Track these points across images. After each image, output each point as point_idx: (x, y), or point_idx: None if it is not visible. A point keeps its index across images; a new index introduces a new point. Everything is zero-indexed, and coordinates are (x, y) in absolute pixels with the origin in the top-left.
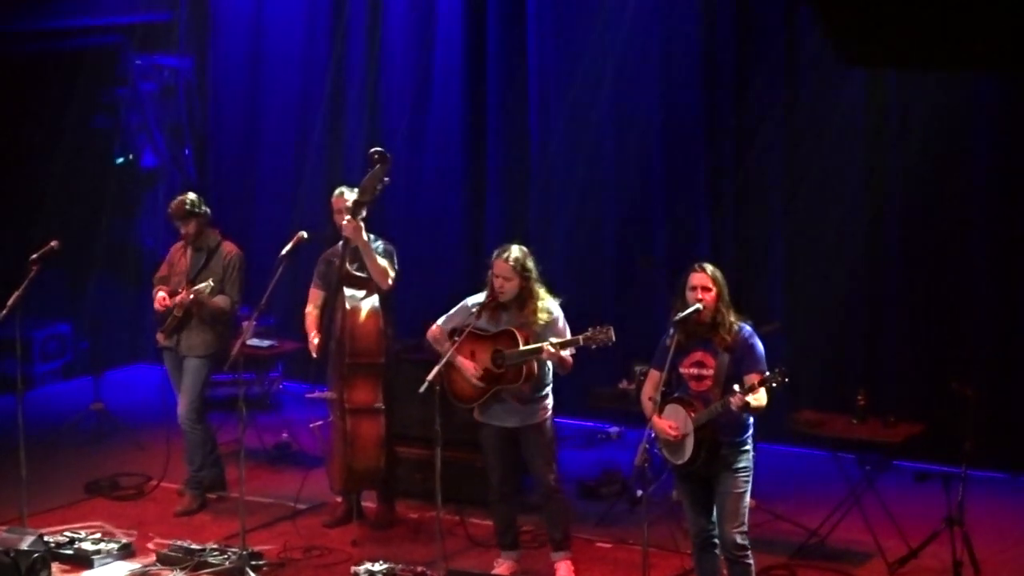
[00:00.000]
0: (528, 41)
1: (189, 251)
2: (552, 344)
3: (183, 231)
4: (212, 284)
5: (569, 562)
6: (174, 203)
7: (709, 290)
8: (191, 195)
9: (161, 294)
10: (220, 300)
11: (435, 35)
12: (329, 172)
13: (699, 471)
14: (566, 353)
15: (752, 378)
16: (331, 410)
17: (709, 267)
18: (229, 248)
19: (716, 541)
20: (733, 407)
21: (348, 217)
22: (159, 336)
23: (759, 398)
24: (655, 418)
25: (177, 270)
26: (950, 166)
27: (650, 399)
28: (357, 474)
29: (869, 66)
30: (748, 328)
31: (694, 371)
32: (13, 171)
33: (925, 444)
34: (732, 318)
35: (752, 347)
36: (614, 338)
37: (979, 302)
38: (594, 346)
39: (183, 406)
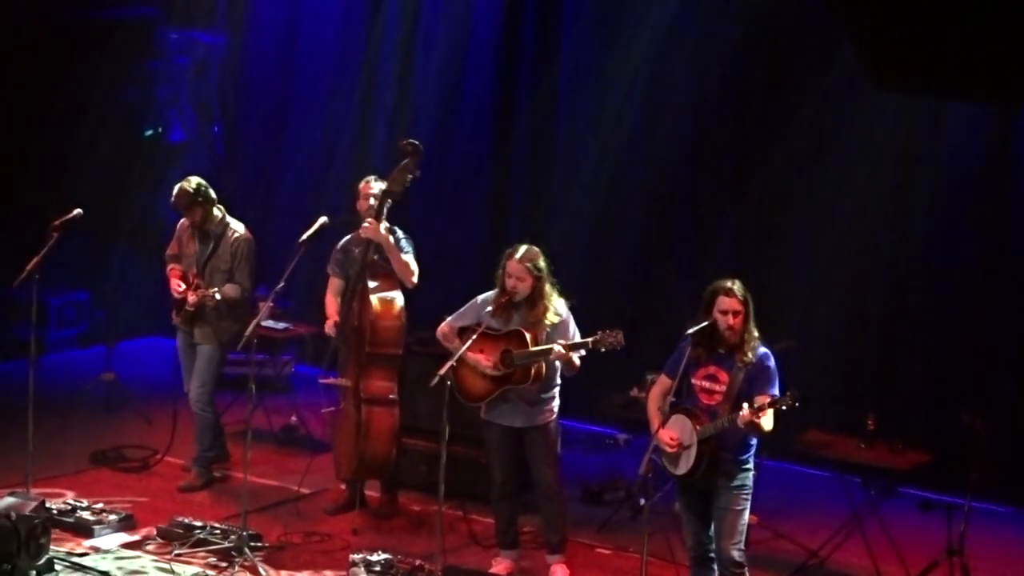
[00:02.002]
0: (562, 41)
1: (196, 237)
2: (562, 346)
3: (188, 219)
4: (217, 296)
5: (564, 565)
6: (177, 192)
7: (739, 314)
8: (194, 181)
9: (175, 282)
10: (230, 290)
11: (470, 30)
12: (356, 159)
13: (699, 483)
14: (575, 355)
15: (762, 399)
16: (342, 397)
17: (738, 289)
18: (236, 233)
19: (713, 556)
20: (740, 423)
21: (370, 220)
22: (174, 317)
23: (766, 420)
24: (656, 431)
25: (187, 252)
26: (977, 194)
27: (658, 408)
28: (368, 463)
29: (900, 93)
30: (767, 350)
31: (706, 384)
32: (41, 138)
33: (931, 473)
34: (755, 337)
35: (768, 368)
36: (623, 342)
37: (996, 334)
38: (603, 349)
39: (195, 390)
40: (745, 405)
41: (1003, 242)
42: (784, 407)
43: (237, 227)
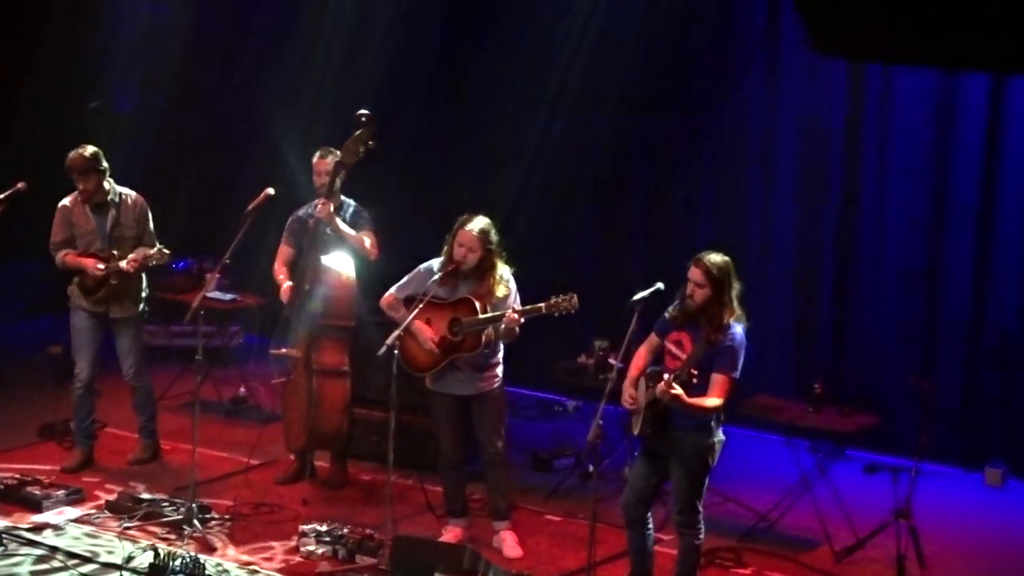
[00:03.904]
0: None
1: (87, 209)
2: (515, 311)
3: (81, 186)
4: (167, 252)
5: (512, 532)
6: (73, 157)
7: (702, 287)
8: (90, 148)
9: (91, 261)
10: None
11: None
12: (304, 129)
13: (653, 446)
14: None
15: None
16: (292, 368)
17: (709, 263)
18: (133, 197)
19: (647, 521)
20: (657, 393)
21: (324, 200)
22: (84, 301)
23: (711, 400)
24: (626, 384)
25: (83, 231)
26: (928, 162)
27: (640, 366)
28: (320, 435)
29: (843, 57)
30: (739, 331)
31: (673, 349)
32: None
33: (879, 436)
34: (727, 316)
35: (730, 348)
36: (577, 306)
37: (946, 300)
38: (557, 314)
39: (129, 367)
40: (666, 375)
41: (946, 208)
42: (688, 380)
43: (130, 192)
